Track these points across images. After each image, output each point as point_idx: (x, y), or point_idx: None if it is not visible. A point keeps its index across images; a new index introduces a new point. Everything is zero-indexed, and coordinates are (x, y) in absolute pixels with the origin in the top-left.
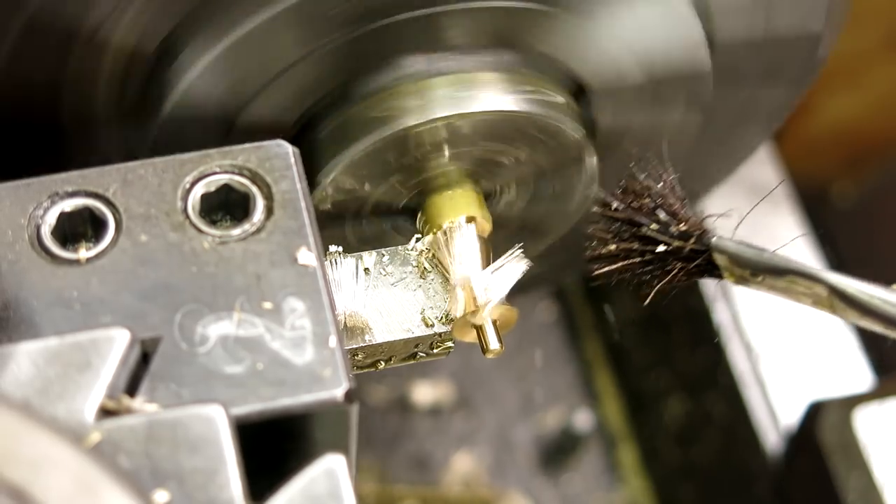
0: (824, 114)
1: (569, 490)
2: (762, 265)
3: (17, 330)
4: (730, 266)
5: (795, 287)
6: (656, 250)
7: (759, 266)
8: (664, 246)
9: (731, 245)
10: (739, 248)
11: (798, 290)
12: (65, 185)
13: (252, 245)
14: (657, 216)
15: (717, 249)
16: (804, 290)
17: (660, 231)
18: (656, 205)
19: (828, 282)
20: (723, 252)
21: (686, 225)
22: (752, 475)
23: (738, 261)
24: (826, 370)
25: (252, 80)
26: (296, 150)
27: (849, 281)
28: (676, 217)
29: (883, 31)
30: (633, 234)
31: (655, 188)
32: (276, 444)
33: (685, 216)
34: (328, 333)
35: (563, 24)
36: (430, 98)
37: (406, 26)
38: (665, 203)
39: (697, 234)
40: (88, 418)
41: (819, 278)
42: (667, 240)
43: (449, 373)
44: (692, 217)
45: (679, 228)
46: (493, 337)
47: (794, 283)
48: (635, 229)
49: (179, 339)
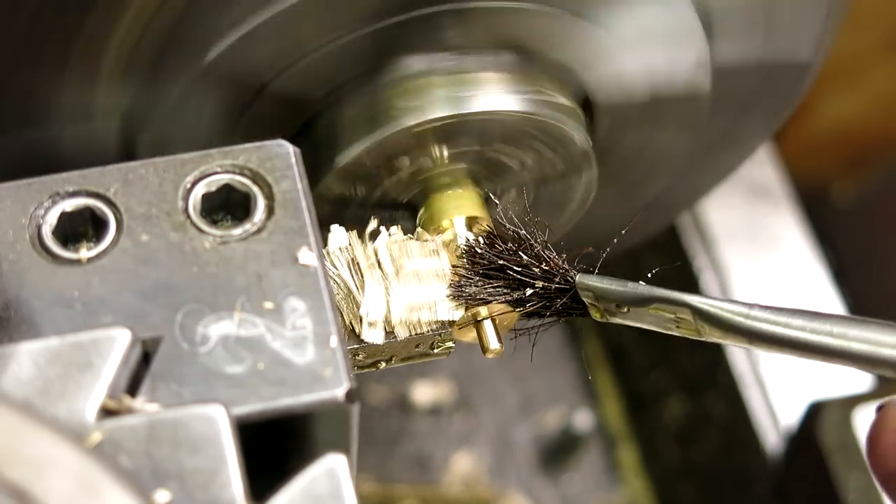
0: (824, 114)
1: (569, 490)
2: (626, 296)
3: (17, 330)
4: (595, 301)
5: (662, 314)
6: (522, 292)
7: (624, 297)
8: (529, 287)
9: (593, 279)
10: (602, 281)
11: (665, 318)
12: (66, 185)
13: (253, 245)
14: (519, 258)
15: (580, 286)
16: (670, 315)
17: (523, 273)
18: (518, 247)
19: (689, 304)
20: (586, 288)
21: (548, 265)
22: (752, 475)
23: (602, 294)
24: (826, 370)
25: (249, 83)
26: (297, 149)
27: (709, 300)
28: (538, 258)
29: (882, 31)
30: (499, 277)
31: (517, 231)
32: (277, 444)
33: (546, 257)
34: (329, 333)
35: (567, 26)
36: (430, 98)
37: (407, 27)
38: (526, 245)
39: (560, 272)
40: (89, 418)
41: (681, 301)
42: (530, 281)
43: (449, 373)
44: (554, 258)
45: (541, 268)
46: (493, 337)
47: (659, 310)
48: (500, 273)
49: (180, 339)
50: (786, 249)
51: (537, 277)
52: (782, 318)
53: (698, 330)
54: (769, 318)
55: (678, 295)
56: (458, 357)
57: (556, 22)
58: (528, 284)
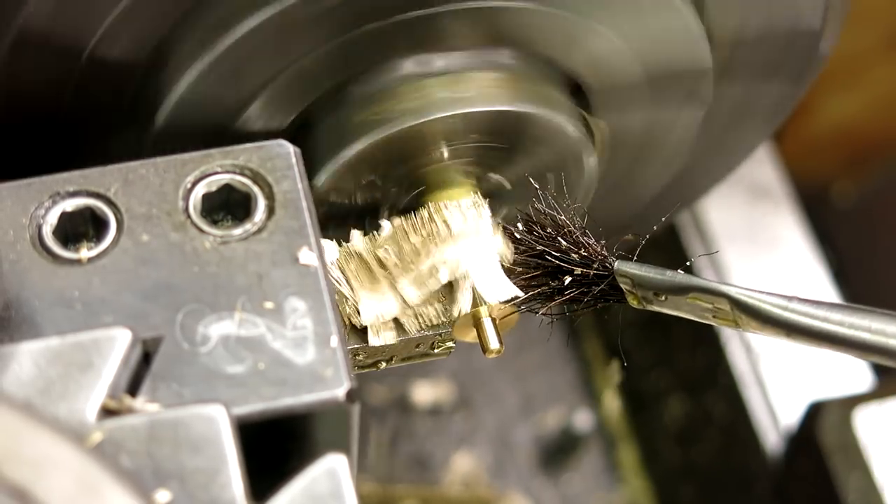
0: (824, 114)
1: (569, 490)
2: (665, 285)
3: (18, 330)
4: (633, 289)
5: (699, 303)
6: (561, 278)
7: (662, 286)
8: (567, 275)
9: (632, 267)
10: (641, 269)
11: (702, 307)
12: (66, 185)
13: (253, 245)
14: (558, 244)
15: (619, 273)
16: (707, 305)
17: (561, 259)
18: (557, 233)
19: (728, 294)
20: (624, 275)
21: (587, 251)
22: (752, 475)
23: (640, 282)
24: (826, 370)
25: (247, 85)
26: (297, 149)
27: (749, 292)
28: (577, 244)
29: (883, 31)
30: (537, 265)
31: (556, 218)
32: (278, 444)
33: (585, 243)
34: (330, 333)
35: (560, 22)
36: (427, 98)
37: (401, 28)
38: (565, 231)
39: (599, 259)
40: (90, 418)
41: (720, 292)
42: (568, 267)
43: (449, 373)
44: (592, 244)
45: (580, 255)
46: (493, 337)
47: (697, 299)
48: (538, 259)
49: (181, 339)
50: (786, 249)
51: (576, 264)
52: (820, 312)
53: (736, 320)
54: (808, 312)
55: (717, 285)
56: (458, 357)
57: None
58: (567, 271)
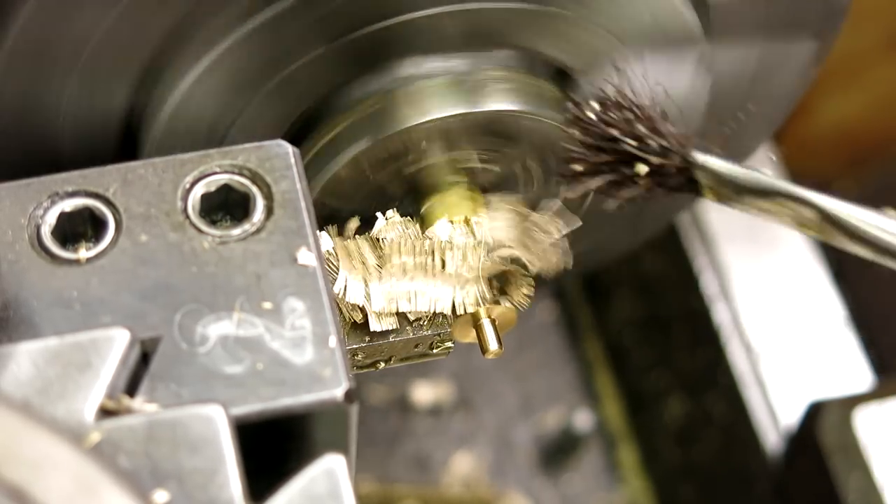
0: (824, 114)
1: (569, 490)
2: (749, 184)
3: (17, 330)
4: (713, 184)
5: (782, 209)
6: (635, 168)
7: (746, 185)
8: (643, 164)
9: (716, 162)
10: (725, 165)
11: (784, 212)
12: (65, 185)
13: (252, 245)
14: (636, 130)
15: (700, 167)
16: (790, 212)
17: (638, 147)
18: (635, 118)
19: (818, 205)
20: (706, 170)
21: (667, 140)
22: (752, 475)
23: (722, 179)
24: (826, 370)
25: (244, 88)
26: (296, 150)
27: (839, 204)
28: (656, 131)
29: (883, 31)
30: (611, 149)
31: (634, 100)
32: (276, 444)
33: (666, 130)
34: (328, 333)
35: (555, 21)
36: (425, 100)
37: (398, 30)
38: (644, 116)
39: (679, 149)
40: (88, 418)
41: (809, 201)
42: (645, 156)
43: (449, 373)
44: (673, 131)
45: (659, 143)
46: (493, 337)
47: (780, 205)
48: (612, 144)
49: (179, 339)
50: (786, 249)
51: (654, 153)
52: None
53: (822, 231)
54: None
55: (806, 193)
56: (458, 357)
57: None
58: (643, 160)
